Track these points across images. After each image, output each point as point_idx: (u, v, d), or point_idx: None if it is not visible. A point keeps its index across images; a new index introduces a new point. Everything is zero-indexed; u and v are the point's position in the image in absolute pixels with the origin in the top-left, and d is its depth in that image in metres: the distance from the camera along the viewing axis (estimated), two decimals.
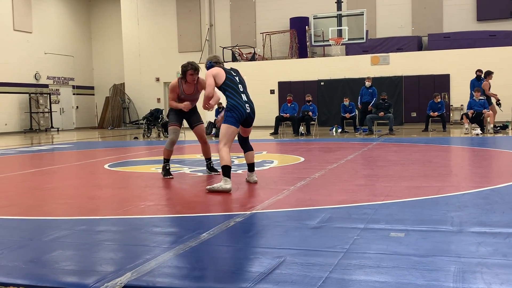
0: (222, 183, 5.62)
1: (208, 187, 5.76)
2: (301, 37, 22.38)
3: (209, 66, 6.43)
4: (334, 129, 16.63)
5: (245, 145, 6.44)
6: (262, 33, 23.15)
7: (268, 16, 23.73)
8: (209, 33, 24.88)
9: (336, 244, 3.41)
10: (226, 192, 5.54)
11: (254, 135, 16.53)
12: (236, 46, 23.50)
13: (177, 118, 7.10)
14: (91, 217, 4.60)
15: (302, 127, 16.18)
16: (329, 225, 3.94)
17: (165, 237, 3.75)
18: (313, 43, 20.59)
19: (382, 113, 15.30)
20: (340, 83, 20.49)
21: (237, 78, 6.17)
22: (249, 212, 4.47)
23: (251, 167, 6.29)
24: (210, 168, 7.24)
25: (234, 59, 22.93)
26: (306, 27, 21.90)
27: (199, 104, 6.74)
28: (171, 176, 6.86)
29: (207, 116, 20.98)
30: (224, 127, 5.93)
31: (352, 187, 5.83)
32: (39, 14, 25.05)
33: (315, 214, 4.38)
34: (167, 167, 6.93)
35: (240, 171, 7.32)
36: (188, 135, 17.30)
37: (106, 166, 8.45)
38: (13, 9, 23.43)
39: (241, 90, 6.10)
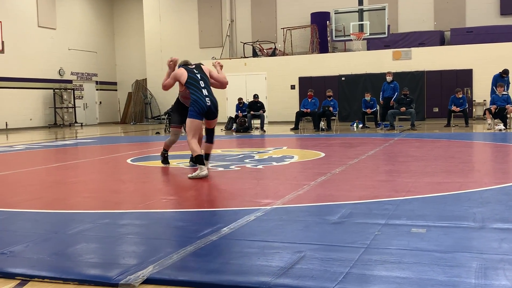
0: (199, 171, 6.32)
1: (189, 175, 6.39)
2: (322, 32, 22.29)
3: (178, 68, 7.09)
4: (355, 125, 16.55)
5: (208, 137, 7.06)
6: (283, 28, 23.11)
7: (289, 11, 23.66)
8: (230, 29, 24.92)
9: (357, 239, 3.40)
10: (204, 177, 6.25)
11: (274, 130, 16.55)
12: (256, 41, 23.50)
13: (179, 119, 7.57)
14: (114, 210, 4.67)
15: (322, 123, 16.13)
16: (350, 221, 3.94)
17: (186, 231, 3.79)
18: (334, 38, 20.50)
19: (404, 108, 15.17)
20: (361, 78, 20.36)
21: (198, 76, 6.76)
22: (269, 207, 4.49)
23: (207, 156, 6.93)
24: (165, 158, 7.78)
25: (255, 54, 22.93)
26: (327, 22, 21.80)
27: None
28: (168, 164, 7.58)
29: (228, 111, 21.07)
30: (188, 121, 6.67)
31: (373, 182, 5.81)
32: (63, 10, 25.35)
33: (336, 209, 4.38)
34: (166, 155, 7.68)
35: (260, 166, 7.34)
36: None
37: (128, 161, 8.54)
38: (37, 6, 23.76)
39: (202, 86, 6.69)
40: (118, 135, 17.79)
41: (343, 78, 20.71)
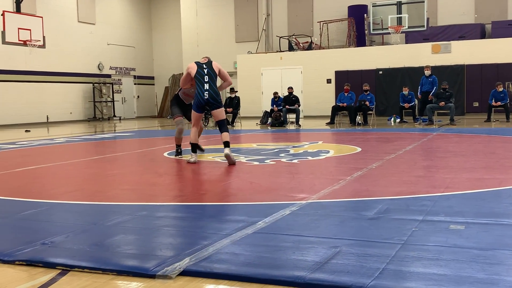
0: (190, 157, 7.38)
1: (187, 160, 7.35)
2: (359, 26, 22.02)
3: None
4: (392, 119, 16.32)
5: (220, 128, 7.48)
6: (320, 21, 22.94)
7: (325, 4, 23.46)
8: (266, 23, 24.88)
9: (394, 235, 3.37)
10: (193, 163, 7.24)
11: (310, 125, 16.49)
12: (292, 35, 23.41)
13: (180, 110, 8.23)
14: (152, 203, 4.74)
15: (359, 117, 15.97)
16: (387, 216, 3.90)
17: (222, 224, 3.82)
18: (371, 32, 20.25)
19: (443, 102, 14.88)
20: (399, 72, 20.06)
21: (205, 71, 7.38)
22: (304, 202, 4.48)
23: (226, 144, 7.25)
24: (178, 151, 8.35)
25: (291, 48, 22.85)
26: (365, 15, 21.54)
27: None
28: (181, 156, 8.10)
29: (263, 106, 21.08)
30: (192, 113, 7.54)
31: (410, 178, 5.73)
32: (102, 6, 25.79)
33: (372, 205, 4.34)
34: (179, 150, 8.20)
35: (295, 161, 7.32)
36: (245, 125, 17.43)
37: (165, 154, 8.65)
38: (77, 2, 24.23)
39: (206, 80, 7.33)
40: (155, 129, 18.02)
41: (380, 72, 20.44)
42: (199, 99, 7.27)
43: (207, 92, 7.26)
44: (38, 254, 3.16)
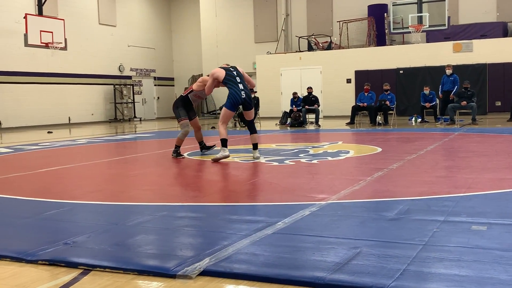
0: (222, 152, 7.51)
1: (212, 158, 7.58)
2: (379, 25, 21.87)
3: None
4: (413, 119, 16.17)
5: (250, 128, 7.94)
6: (339, 21, 22.84)
7: (345, 4, 23.35)
8: (285, 23, 24.86)
9: (415, 236, 3.34)
10: (226, 157, 7.45)
11: (329, 125, 16.42)
12: (312, 35, 23.35)
13: (185, 113, 8.46)
14: (172, 203, 4.77)
15: (379, 117, 15.86)
16: (408, 217, 3.87)
17: (242, 225, 3.83)
18: (392, 31, 20.11)
19: (465, 102, 14.71)
20: (420, 71, 19.87)
21: (235, 73, 7.76)
22: (324, 202, 4.47)
23: (254, 146, 7.79)
24: (204, 146, 8.81)
25: (310, 48, 22.79)
26: (385, 14, 21.39)
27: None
28: (182, 156, 8.30)
29: (282, 106, 21.05)
30: (223, 110, 7.73)
31: (432, 178, 5.67)
32: (122, 8, 26.02)
33: (393, 205, 4.31)
34: (178, 151, 8.35)
35: (315, 161, 7.30)
36: (264, 125, 17.43)
37: (185, 155, 8.70)
38: (98, 4, 24.48)
39: (239, 81, 7.68)
40: (175, 130, 18.11)
41: (401, 71, 20.28)
42: (237, 98, 7.54)
43: (243, 92, 7.61)
44: (60, 254, 3.20)
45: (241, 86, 7.64)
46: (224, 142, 7.61)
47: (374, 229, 3.60)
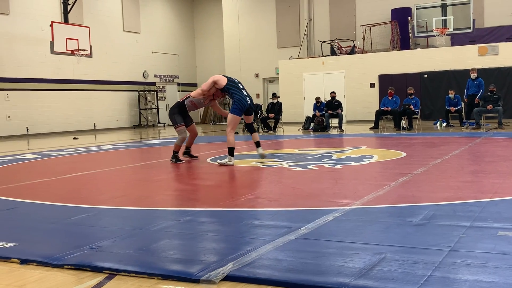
0: (227, 160, 7.71)
1: (219, 161, 7.84)
2: (403, 29, 21.72)
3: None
4: (438, 123, 15.98)
5: (250, 129, 8.47)
6: (362, 25, 22.74)
7: (368, 8, 23.25)
8: (308, 28, 24.84)
9: (440, 242, 3.30)
10: (231, 165, 7.60)
11: (353, 130, 16.33)
12: (335, 39, 23.28)
13: (182, 119, 8.63)
14: (195, 208, 4.79)
15: (404, 121, 15.71)
16: (433, 223, 3.82)
17: (265, 230, 3.82)
18: (416, 34, 19.95)
19: (491, 106, 14.48)
20: (445, 75, 19.65)
21: (236, 80, 8.16)
22: (348, 208, 4.44)
23: (257, 144, 8.21)
24: (188, 153, 9.04)
25: (333, 53, 22.73)
26: (409, 18, 21.22)
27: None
28: (182, 161, 8.54)
29: (305, 111, 21.01)
30: (230, 116, 7.88)
31: (457, 183, 5.60)
32: (146, 15, 26.32)
33: (418, 211, 4.26)
34: (177, 156, 8.57)
35: (338, 166, 7.27)
36: (287, 130, 17.43)
37: (208, 160, 8.73)
38: (122, 11, 24.81)
39: (242, 87, 8.05)
40: (198, 135, 18.21)
41: (425, 75, 20.08)
42: (244, 103, 7.84)
43: (248, 98, 7.96)
44: (86, 258, 3.24)
45: (244, 92, 7.99)
46: (231, 151, 7.77)
47: (398, 235, 3.57)
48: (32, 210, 5.08)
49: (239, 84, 8.08)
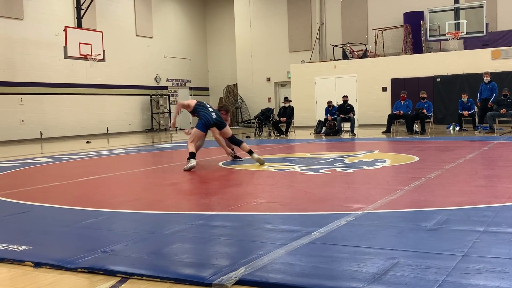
0: (189, 163, 8.05)
1: (185, 167, 8.07)
2: (415, 32, 21.63)
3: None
4: (451, 127, 15.88)
5: (235, 142, 8.79)
6: (374, 29, 22.68)
7: (380, 11, 23.19)
8: (320, 32, 24.83)
9: (454, 247, 3.27)
10: (193, 168, 7.98)
11: (365, 134, 16.27)
12: (347, 43, 23.24)
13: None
14: (207, 212, 4.80)
15: (416, 125, 15.63)
16: (446, 227, 3.79)
17: (277, 234, 3.82)
18: (428, 38, 19.85)
19: (504, 110, 14.37)
20: (458, 79, 19.53)
21: (205, 103, 8.82)
22: (360, 212, 4.42)
23: (250, 152, 8.45)
24: (235, 156, 9.29)
25: (345, 56, 22.69)
26: (421, 21, 21.14)
27: None
28: (241, 159, 9.00)
29: (317, 115, 20.98)
30: (194, 130, 8.56)
31: (471, 188, 5.56)
32: (158, 20, 26.47)
33: (431, 215, 4.24)
34: (235, 154, 9.09)
35: (351, 170, 7.24)
36: (298, 134, 17.39)
37: (220, 164, 8.75)
38: (135, 16, 24.97)
39: (208, 106, 8.76)
40: (210, 139, 18.22)
41: (438, 79, 19.97)
42: (208, 119, 8.43)
43: (214, 113, 8.55)
44: (99, 262, 3.25)
45: (210, 109, 8.65)
46: (192, 155, 8.30)
47: (411, 240, 3.55)
48: (45, 214, 5.12)
49: (207, 104, 8.82)
